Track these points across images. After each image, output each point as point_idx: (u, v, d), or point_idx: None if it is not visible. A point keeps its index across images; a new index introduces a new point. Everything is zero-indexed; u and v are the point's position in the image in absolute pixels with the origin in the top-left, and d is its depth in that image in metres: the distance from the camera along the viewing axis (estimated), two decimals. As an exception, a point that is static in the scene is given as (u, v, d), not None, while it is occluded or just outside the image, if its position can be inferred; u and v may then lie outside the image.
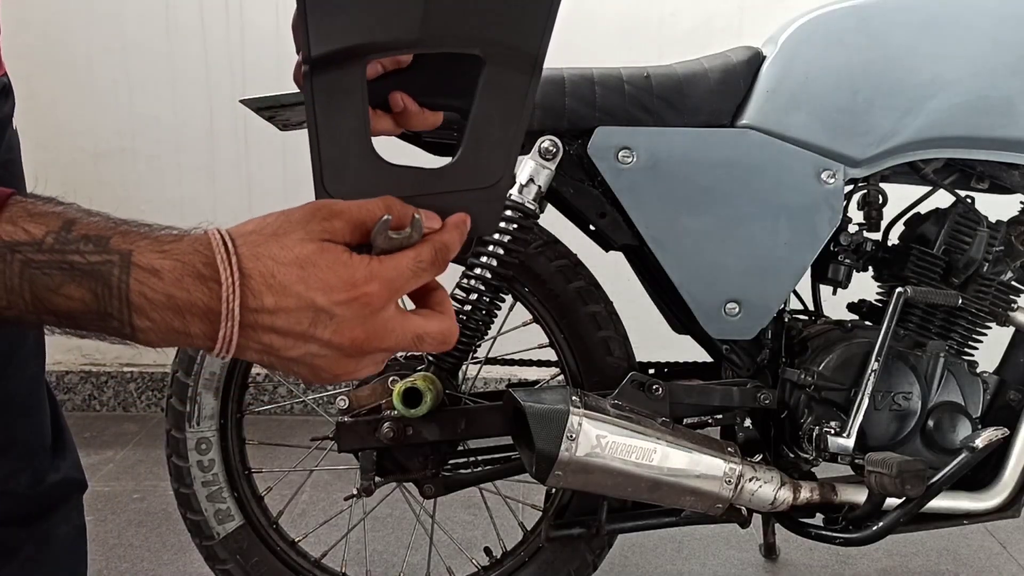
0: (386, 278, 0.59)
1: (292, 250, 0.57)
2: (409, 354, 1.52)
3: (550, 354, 1.53)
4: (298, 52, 0.71)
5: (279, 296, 0.57)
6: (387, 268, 0.60)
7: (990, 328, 1.48)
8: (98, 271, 0.55)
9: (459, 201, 0.67)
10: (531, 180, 1.36)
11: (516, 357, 1.64)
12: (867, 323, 1.49)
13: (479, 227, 0.68)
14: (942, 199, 1.50)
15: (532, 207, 1.36)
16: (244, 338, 0.57)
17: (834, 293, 1.53)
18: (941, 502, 1.41)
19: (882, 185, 1.46)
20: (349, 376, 0.62)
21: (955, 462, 1.35)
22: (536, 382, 1.66)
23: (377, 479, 1.44)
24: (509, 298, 1.47)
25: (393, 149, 0.80)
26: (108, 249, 0.55)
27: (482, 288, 1.39)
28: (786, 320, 1.48)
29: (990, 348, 1.51)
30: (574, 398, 1.30)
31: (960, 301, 1.41)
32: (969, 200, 1.47)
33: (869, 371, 1.37)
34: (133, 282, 0.55)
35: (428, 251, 0.62)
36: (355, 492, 1.45)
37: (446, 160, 0.70)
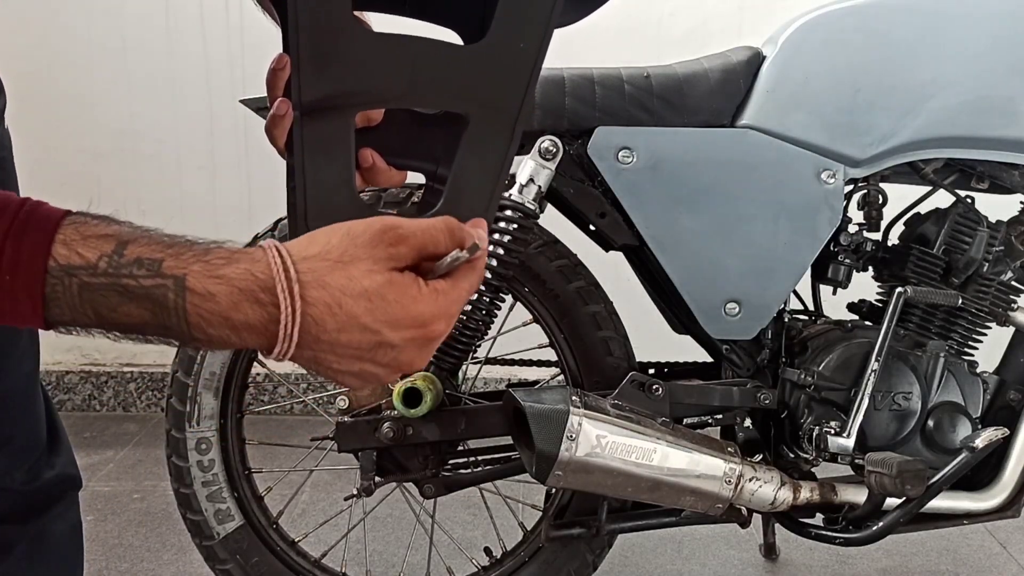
0: (450, 313, 0.61)
1: (360, 281, 0.57)
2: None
3: (550, 354, 1.53)
4: (269, 106, 0.73)
5: (344, 325, 0.57)
6: (451, 302, 0.61)
7: (990, 328, 1.48)
8: (152, 294, 0.56)
9: None
10: (531, 180, 1.36)
11: (516, 357, 1.64)
12: (867, 323, 1.49)
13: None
14: (942, 199, 1.50)
15: (532, 207, 1.36)
16: (300, 352, 0.58)
17: (834, 293, 1.53)
18: (941, 502, 1.41)
19: (882, 185, 1.46)
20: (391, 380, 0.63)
21: (955, 462, 1.35)
22: (536, 382, 1.66)
23: (377, 479, 1.44)
24: (509, 298, 1.47)
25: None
26: (161, 273, 0.56)
27: (482, 288, 1.39)
28: (786, 320, 1.48)
29: (990, 348, 1.51)
30: (574, 398, 1.30)
31: (960, 301, 1.41)
32: (969, 200, 1.47)
33: (869, 371, 1.37)
34: (189, 305, 0.56)
35: (476, 278, 0.64)
36: (355, 492, 1.45)
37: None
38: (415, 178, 0.80)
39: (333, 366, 0.59)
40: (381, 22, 0.76)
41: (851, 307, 1.58)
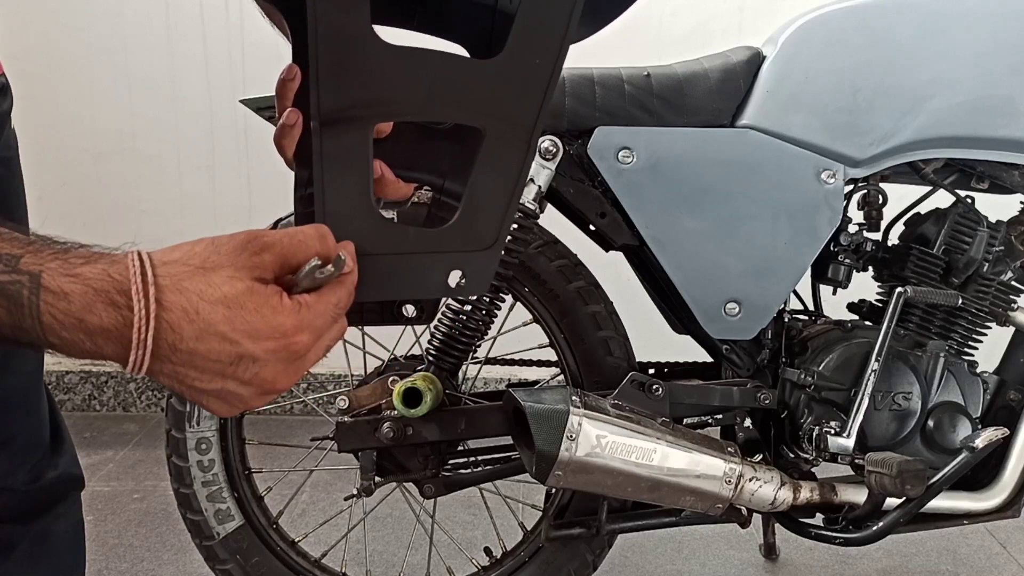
0: (315, 326, 0.59)
1: (220, 288, 0.56)
2: (409, 354, 1.53)
3: (550, 354, 1.53)
4: (278, 116, 0.74)
5: (201, 333, 0.55)
6: (316, 316, 0.59)
7: (990, 328, 1.48)
8: (7, 290, 0.54)
9: (453, 261, 0.70)
10: (531, 180, 1.36)
11: (516, 357, 1.64)
12: (867, 323, 1.49)
13: (471, 287, 0.70)
14: (942, 199, 1.50)
15: (532, 207, 1.36)
16: (157, 364, 0.56)
17: (834, 293, 1.53)
18: (941, 502, 1.41)
19: (882, 185, 1.46)
20: (260, 407, 0.61)
21: (955, 462, 1.35)
22: (536, 382, 1.66)
23: (377, 479, 1.44)
24: (509, 298, 1.47)
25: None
26: (18, 269, 0.54)
27: (482, 288, 1.39)
28: (786, 320, 1.48)
29: (990, 348, 1.51)
30: (574, 398, 1.30)
31: (960, 301, 1.41)
32: (969, 200, 1.47)
33: (869, 371, 1.37)
34: (42, 304, 0.54)
35: (345, 295, 0.62)
36: (355, 492, 1.45)
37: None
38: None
39: (196, 384, 0.57)
40: (389, 36, 0.77)
41: (851, 307, 1.58)
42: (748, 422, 1.46)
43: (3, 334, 0.55)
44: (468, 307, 1.41)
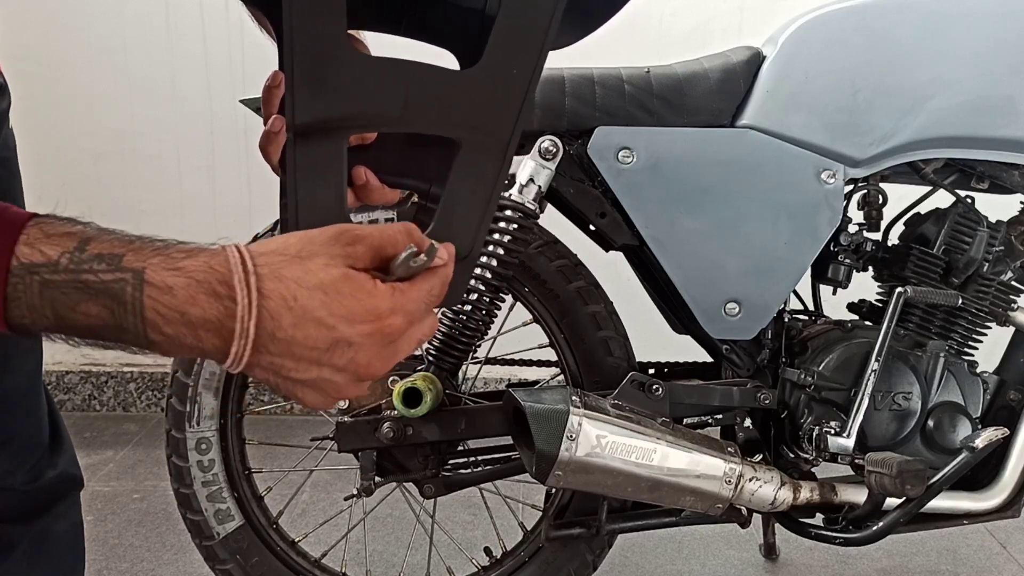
0: (408, 310, 0.60)
1: (316, 275, 0.57)
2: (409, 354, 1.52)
3: (550, 354, 1.53)
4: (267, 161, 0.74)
5: (299, 320, 0.57)
6: (409, 300, 0.60)
7: (990, 328, 1.48)
8: (111, 289, 0.55)
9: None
10: (531, 180, 1.36)
11: (516, 357, 1.64)
12: (867, 323, 1.49)
13: (446, 298, 0.68)
14: (942, 199, 1.50)
15: (532, 207, 1.36)
16: (256, 356, 0.57)
17: (834, 293, 1.53)
18: (941, 502, 1.41)
19: (882, 185, 1.46)
20: (354, 397, 0.62)
21: (955, 462, 1.35)
22: (536, 382, 1.66)
23: (377, 479, 1.44)
24: (509, 298, 1.47)
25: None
26: (121, 267, 0.56)
27: (482, 288, 1.39)
28: (786, 320, 1.48)
29: (990, 348, 1.51)
30: (574, 398, 1.30)
31: (960, 301, 1.41)
32: (969, 200, 1.47)
33: (869, 371, 1.37)
34: (146, 299, 0.55)
35: (439, 284, 0.63)
36: (355, 492, 1.45)
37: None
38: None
39: (292, 375, 0.58)
40: (378, 44, 0.76)
41: (851, 307, 1.58)
42: (748, 422, 1.46)
43: (103, 335, 0.57)
44: (468, 307, 1.41)
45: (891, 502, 1.37)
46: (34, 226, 0.57)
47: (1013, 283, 1.47)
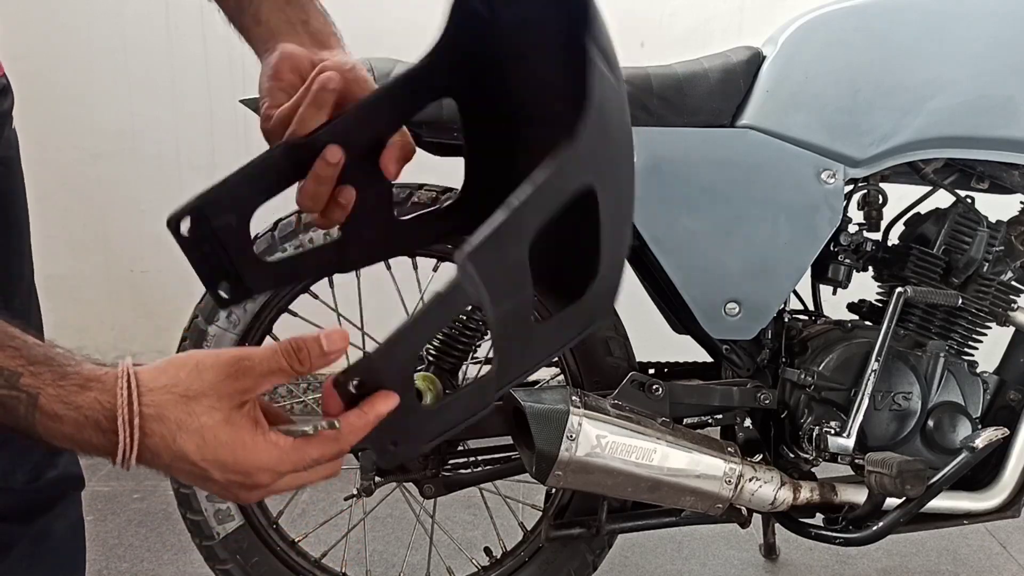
0: (279, 471, 0.63)
1: (198, 418, 0.60)
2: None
3: (550, 354, 1.53)
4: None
5: (175, 459, 0.61)
6: (283, 460, 0.62)
7: (990, 328, 1.48)
8: (5, 402, 0.59)
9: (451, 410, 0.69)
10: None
11: (516, 357, 1.63)
12: (867, 323, 1.49)
13: (408, 447, 0.69)
14: (942, 199, 1.50)
15: (532, 207, 1.36)
16: (143, 467, 0.62)
17: (834, 293, 1.53)
18: (941, 502, 1.41)
19: (882, 185, 1.46)
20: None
21: (955, 462, 1.35)
22: (536, 382, 1.66)
23: (377, 479, 1.44)
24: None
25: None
26: (17, 386, 0.59)
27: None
28: (786, 320, 1.47)
29: (990, 348, 1.51)
30: (574, 398, 1.30)
31: (960, 301, 1.41)
32: (969, 200, 1.47)
33: (869, 371, 1.37)
34: (38, 420, 0.60)
35: (330, 452, 0.64)
36: (355, 492, 1.45)
37: (446, 160, 0.73)
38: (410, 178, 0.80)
39: (176, 477, 0.64)
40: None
41: (851, 307, 1.57)
42: (748, 422, 1.46)
43: (3, 429, 0.61)
44: (468, 307, 1.41)
45: (891, 502, 1.37)
46: None
47: (1013, 283, 1.46)
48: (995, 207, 1.49)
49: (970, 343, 1.47)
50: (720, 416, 1.47)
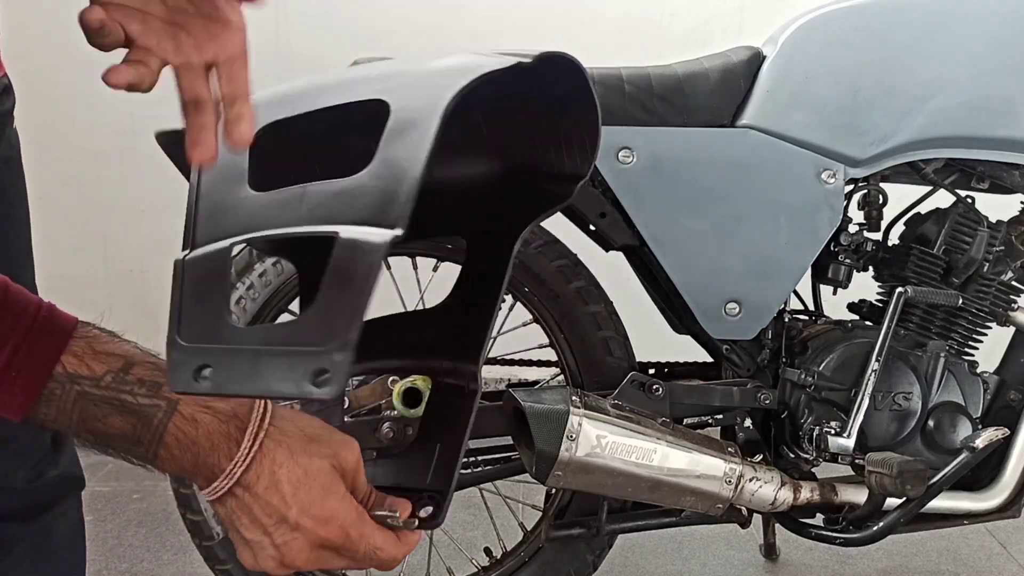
0: (348, 534, 0.67)
1: (311, 457, 0.66)
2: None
3: (550, 354, 1.53)
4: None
5: (271, 485, 0.65)
6: (354, 525, 0.67)
7: (990, 328, 1.48)
8: (143, 411, 0.64)
9: (303, 360, 0.69)
10: (531, 180, 1.36)
11: (516, 357, 1.64)
12: (867, 323, 1.49)
13: (330, 389, 0.67)
14: (942, 199, 1.49)
15: (532, 207, 1.36)
16: (229, 498, 0.65)
17: (834, 293, 1.53)
18: (941, 502, 1.41)
19: (882, 185, 1.46)
20: (271, 573, 0.69)
21: (955, 462, 1.35)
22: (536, 382, 1.66)
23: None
24: (509, 298, 1.47)
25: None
26: (159, 395, 0.64)
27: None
28: (786, 320, 1.47)
29: (990, 348, 1.51)
30: (574, 398, 1.30)
31: (960, 301, 1.41)
32: (969, 200, 1.46)
33: (869, 371, 1.37)
34: (172, 425, 0.64)
35: (390, 548, 0.70)
36: (355, 492, 1.44)
37: None
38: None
39: (240, 529, 0.66)
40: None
41: (851, 307, 1.57)
42: (748, 422, 1.46)
43: (114, 445, 0.66)
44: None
45: (891, 502, 1.37)
46: (81, 338, 0.64)
47: (1013, 283, 1.46)
48: (995, 207, 1.49)
49: (970, 343, 1.47)
50: (720, 416, 1.47)
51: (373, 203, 0.67)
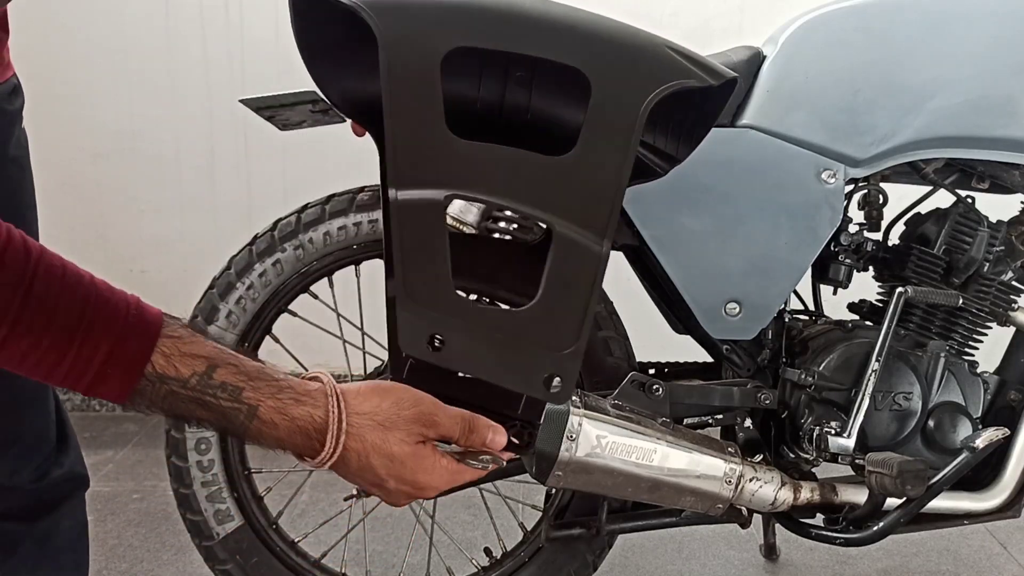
0: (439, 487, 0.78)
1: (391, 447, 0.74)
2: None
3: (550, 354, 1.53)
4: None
5: (362, 469, 0.75)
6: (448, 481, 0.79)
7: (990, 328, 1.48)
8: (226, 412, 0.70)
9: (536, 360, 0.77)
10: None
11: (516, 357, 1.63)
12: (867, 323, 1.49)
13: (561, 395, 0.79)
14: (942, 199, 1.49)
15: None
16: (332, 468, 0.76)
17: (834, 293, 1.53)
18: (941, 502, 1.41)
19: (882, 185, 1.46)
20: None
21: (955, 462, 1.35)
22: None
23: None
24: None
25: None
26: (240, 400, 0.70)
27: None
28: (786, 320, 1.47)
29: (990, 348, 1.51)
30: (574, 398, 1.29)
31: (961, 301, 1.41)
32: (970, 200, 1.46)
33: (869, 371, 1.37)
34: (252, 427, 0.71)
35: (476, 478, 0.83)
36: (355, 492, 1.45)
37: None
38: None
39: (353, 480, 0.78)
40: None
41: (851, 307, 1.57)
42: (748, 422, 1.46)
43: (202, 426, 0.73)
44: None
45: (891, 502, 1.37)
46: (168, 338, 0.69)
47: (1013, 283, 1.46)
48: (995, 207, 1.48)
49: (970, 343, 1.47)
50: (720, 416, 1.47)
51: (578, 200, 0.71)
